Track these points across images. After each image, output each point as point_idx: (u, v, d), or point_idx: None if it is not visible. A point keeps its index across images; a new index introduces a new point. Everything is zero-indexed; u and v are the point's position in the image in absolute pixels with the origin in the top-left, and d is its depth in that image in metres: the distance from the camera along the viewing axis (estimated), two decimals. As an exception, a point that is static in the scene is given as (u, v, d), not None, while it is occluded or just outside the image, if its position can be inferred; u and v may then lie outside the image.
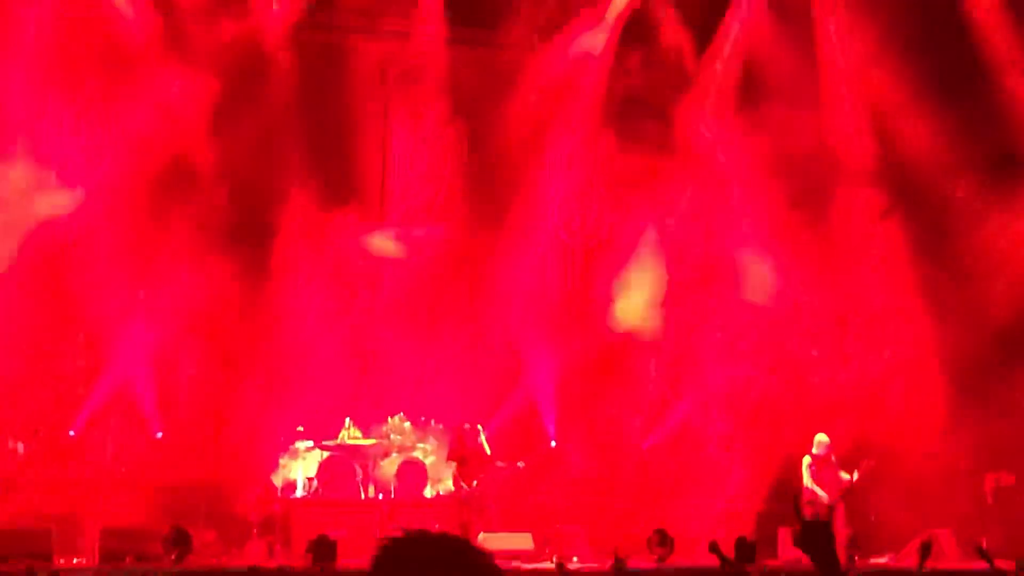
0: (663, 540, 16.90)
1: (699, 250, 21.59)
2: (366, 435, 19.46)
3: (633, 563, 15.39)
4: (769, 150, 20.36)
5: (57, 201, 18.70)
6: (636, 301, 21.19)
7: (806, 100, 20.93)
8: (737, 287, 21.15)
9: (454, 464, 17.88)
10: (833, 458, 18.53)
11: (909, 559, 17.95)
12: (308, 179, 20.43)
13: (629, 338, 21.40)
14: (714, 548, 9.51)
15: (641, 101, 21.69)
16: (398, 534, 3.32)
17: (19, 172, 18.39)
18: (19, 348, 19.05)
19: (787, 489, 19.05)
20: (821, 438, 18.52)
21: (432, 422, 20.32)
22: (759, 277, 20.71)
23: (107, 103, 19.43)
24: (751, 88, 21.26)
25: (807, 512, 12.39)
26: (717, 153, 21.43)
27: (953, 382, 19.71)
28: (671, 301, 21.53)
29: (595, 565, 16.65)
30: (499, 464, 18.01)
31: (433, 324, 21.36)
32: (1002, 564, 11.76)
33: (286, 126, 20.32)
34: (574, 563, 17.26)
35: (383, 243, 21.42)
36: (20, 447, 18.39)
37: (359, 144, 21.40)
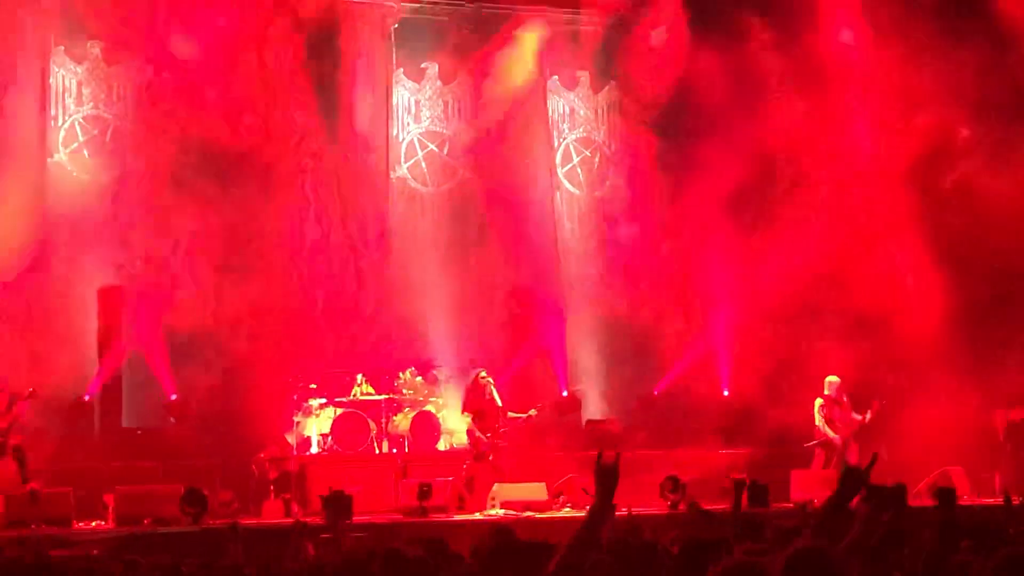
0: (675, 486, 16.95)
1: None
2: (378, 391, 19.52)
3: (645, 509, 15.43)
4: None
5: None
6: None
7: None
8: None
9: (469, 416, 17.89)
10: (845, 399, 18.60)
11: (921, 498, 18.04)
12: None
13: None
14: (740, 485, 9.19)
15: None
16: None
17: None
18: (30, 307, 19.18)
19: (798, 433, 19.16)
20: (832, 379, 18.63)
21: (443, 375, 20.37)
22: None
23: None
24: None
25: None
26: None
27: (962, 320, 19.68)
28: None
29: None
30: (511, 415, 18.04)
31: (442, 276, 21.44)
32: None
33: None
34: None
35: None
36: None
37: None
